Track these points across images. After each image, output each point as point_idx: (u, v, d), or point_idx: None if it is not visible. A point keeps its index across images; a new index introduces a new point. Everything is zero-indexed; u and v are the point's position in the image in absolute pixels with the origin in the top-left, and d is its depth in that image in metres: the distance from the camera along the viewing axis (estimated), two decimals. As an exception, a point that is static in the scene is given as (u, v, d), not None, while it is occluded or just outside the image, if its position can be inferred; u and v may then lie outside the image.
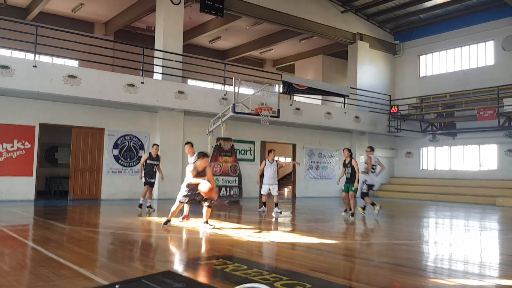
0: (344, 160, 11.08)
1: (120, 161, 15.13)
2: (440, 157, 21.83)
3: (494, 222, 11.70)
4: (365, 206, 11.49)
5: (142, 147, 15.58)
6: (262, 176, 11.66)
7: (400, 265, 5.53)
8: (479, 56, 20.60)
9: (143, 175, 11.32)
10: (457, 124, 20.63)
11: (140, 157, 15.45)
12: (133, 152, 15.40)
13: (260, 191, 12.38)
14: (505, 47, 19.46)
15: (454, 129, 20.72)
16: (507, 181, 18.56)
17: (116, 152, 15.06)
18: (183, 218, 8.93)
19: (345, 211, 11.21)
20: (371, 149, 11.79)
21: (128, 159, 15.30)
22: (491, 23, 19.78)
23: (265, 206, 11.71)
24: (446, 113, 20.93)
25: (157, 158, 11.59)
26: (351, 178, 10.72)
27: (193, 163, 8.23)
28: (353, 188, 10.69)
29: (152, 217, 10.05)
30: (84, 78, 13.16)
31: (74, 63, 17.95)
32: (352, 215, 10.63)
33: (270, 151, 11.84)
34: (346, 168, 10.91)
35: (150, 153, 11.47)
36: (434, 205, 16.80)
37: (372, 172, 11.51)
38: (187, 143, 11.60)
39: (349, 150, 11.09)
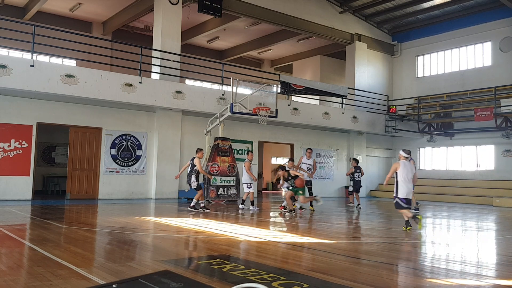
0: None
1: (117, 160, 15.11)
2: (438, 158, 21.89)
3: (491, 222, 11.73)
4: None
5: (139, 146, 15.56)
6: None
7: (398, 265, 5.54)
8: (477, 57, 20.66)
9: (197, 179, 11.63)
10: (454, 124, 20.70)
11: (138, 156, 15.47)
12: (131, 152, 15.38)
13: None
14: (503, 48, 19.52)
15: (451, 129, 20.78)
16: (504, 182, 18.62)
17: (113, 151, 15.04)
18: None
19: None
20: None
21: (126, 159, 15.28)
22: (488, 24, 19.85)
23: (243, 204, 12.65)
24: (443, 114, 20.99)
25: None
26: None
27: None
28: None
29: (152, 217, 10.04)
30: (82, 78, 13.14)
31: (72, 63, 17.94)
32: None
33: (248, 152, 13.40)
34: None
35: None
36: (431, 205, 16.84)
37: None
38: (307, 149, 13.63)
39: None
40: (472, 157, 20.58)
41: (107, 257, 5.66)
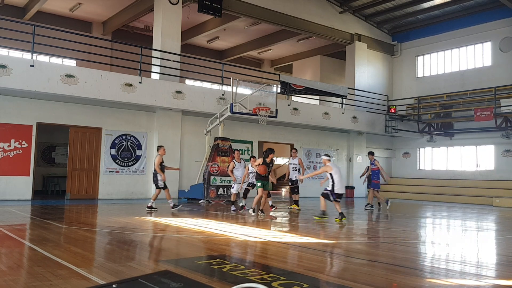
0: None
1: (117, 160, 15.11)
2: (438, 158, 21.89)
3: (491, 222, 11.73)
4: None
5: (139, 146, 15.57)
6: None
7: (397, 265, 5.54)
8: (477, 57, 20.66)
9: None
10: (454, 124, 20.71)
11: (138, 156, 15.47)
12: (131, 152, 15.38)
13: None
14: (503, 48, 19.52)
15: (451, 129, 20.79)
16: (504, 182, 18.62)
17: (113, 151, 15.04)
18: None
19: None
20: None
21: (126, 159, 15.28)
22: (488, 24, 19.86)
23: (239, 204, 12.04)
24: (443, 114, 21.00)
25: None
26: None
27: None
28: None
29: (152, 217, 10.04)
30: (82, 78, 13.14)
31: (72, 63, 17.93)
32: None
33: (234, 151, 13.15)
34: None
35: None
36: (431, 205, 16.84)
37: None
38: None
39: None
40: (472, 157, 20.58)
41: (107, 257, 5.66)
